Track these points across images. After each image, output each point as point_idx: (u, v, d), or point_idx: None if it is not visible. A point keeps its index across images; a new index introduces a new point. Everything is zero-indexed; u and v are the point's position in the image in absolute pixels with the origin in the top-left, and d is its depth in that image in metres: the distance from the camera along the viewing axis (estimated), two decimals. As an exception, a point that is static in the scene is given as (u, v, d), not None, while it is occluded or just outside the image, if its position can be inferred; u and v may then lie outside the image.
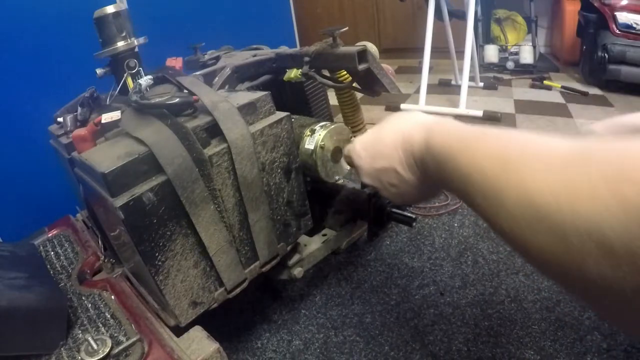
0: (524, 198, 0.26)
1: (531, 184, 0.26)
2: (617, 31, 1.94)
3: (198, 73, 0.79)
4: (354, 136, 0.83)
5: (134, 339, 0.55)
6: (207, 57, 0.97)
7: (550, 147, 0.27)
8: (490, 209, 0.30)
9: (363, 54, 0.67)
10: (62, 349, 0.57)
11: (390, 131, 0.48)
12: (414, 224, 0.79)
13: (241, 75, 0.80)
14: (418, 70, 2.14)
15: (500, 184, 0.29)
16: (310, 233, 0.80)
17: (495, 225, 0.30)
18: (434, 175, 0.40)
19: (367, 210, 0.81)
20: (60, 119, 0.72)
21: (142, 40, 0.75)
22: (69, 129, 0.68)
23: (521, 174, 0.27)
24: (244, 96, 0.63)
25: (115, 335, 0.58)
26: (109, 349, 0.54)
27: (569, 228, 0.23)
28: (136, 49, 0.74)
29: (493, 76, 2.42)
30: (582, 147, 0.25)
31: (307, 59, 0.73)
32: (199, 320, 0.60)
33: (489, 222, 0.31)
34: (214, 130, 0.57)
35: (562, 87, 2.14)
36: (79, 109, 0.69)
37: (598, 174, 0.22)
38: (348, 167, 0.76)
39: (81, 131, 0.60)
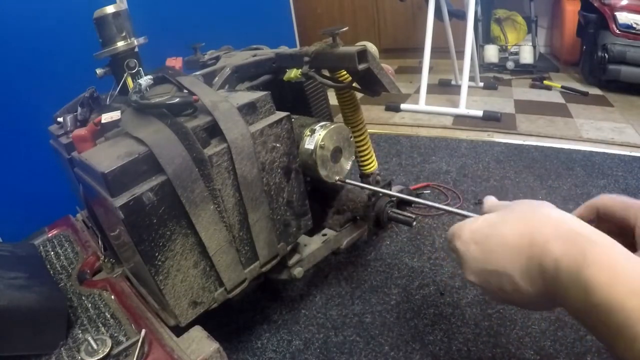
0: None
1: None
2: (617, 31, 1.94)
3: (198, 73, 0.79)
4: (354, 136, 0.83)
5: (134, 339, 0.55)
6: (207, 57, 0.97)
7: None
8: None
9: (363, 54, 0.67)
10: (62, 349, 0.57)
11: (515, 228, 0.38)
12: (414, 224, 0.79)
13: (241, 75, 0.80)
14: (418, 70, 2.14)
15: None
16: (310, 233, 0.80)
17: None
18: (571, 309, 0.32)
19: (367, 211, 0.81)
20: (60, 119, 0.72)
21: (142, 40, 0.75)
22: (69, 129, 0.68)
23: None
24: (244, 96, 0.63)
25: (115, 335, 0.58)
26: (109, 349, 0.54)
27: None
28: (136, 49, 0.74)
29: (493, 76, 2.43)
30: None
31: (307, 59, 0.73)
32: (199, 320, 0.60)
33: None
34: (214, 130, 0.57)
35: (562, 87, 2.14)
36: (79, 109, 0.69)
37: None
38: (348, 167, 0.76)
39: (81, 131, 0.60)
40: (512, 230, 0.38)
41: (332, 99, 0.89)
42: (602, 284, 0.29)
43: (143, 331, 0.56)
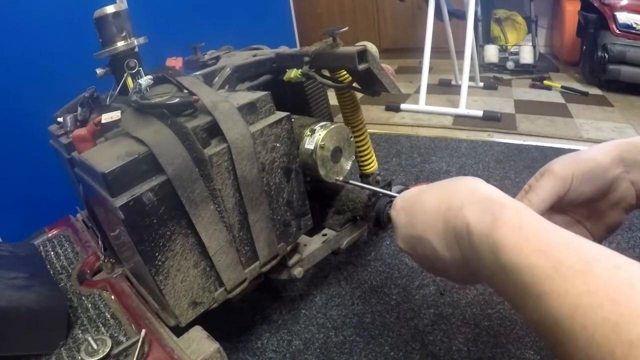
0: None
1: None
2: (617, 31, 1.94)
3: (198, 73, 0.79)
4: (354, 136, 0.83)
5: (134, 339, 0.55)
6: (207, 57, 0.97)
7: None
8: None
9: (363, 54, 0.67)
10: (62, 349, 0.57)
11: (435, 194, 0.40)
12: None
13: (241, 75, 0.80)
14: (418, 70, 2.14)
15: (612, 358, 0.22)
16: (310, 233, 0.80)
17: None
18: (486, 273, 0.32)
19: (367, 211, 0.81)
20: (60, 119, 0.71)
21: (142, 40, 0.75)
22: (69, 129, 0.68)
23: None
24: (244, 96, 0.63)
25: (115, 335, 0.58)
26: (109, 349, 0.54)
27: None
28: (136, 49, 0.74)
29: (493, 76, 2.42)
30: None
31: (307, 59, 0.73)
32: (199, 320, 0.60)
33: None
34: (214, 130, 0.57)
35: (562, 87, 2.14)
36: (79, 109, 0.69)
37: None
38: (348, 167, 0.76)
39: (81, 131, 0.60)
40: (432, 197, 0.39)
41: (332, 99, 0.89)
42: (509, 244, 0.29)
43: (143, 331, 0.56)
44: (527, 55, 2.42)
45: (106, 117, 0.61)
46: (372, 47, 0.72)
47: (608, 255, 0.26)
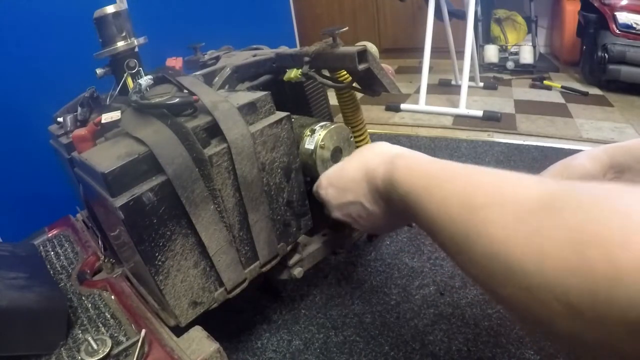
0: (490, 249, 0.25)
1: (497, 233, 0.25)
2: (617, 31, 1.94)
3: (198, 73, 0.79)
4: (354, 136, 0.83)
5: (134, 339, 0.55)
6: (207, 57, 0.97)
7: (519, 193, 0.26)
8: (457, 255, 0.29)
9: (363, 54, 0.67)
10: (62, 349, 0.57)
11: (355, 164, 0.48)
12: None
13: (241, 75, 0.80)
14: (418, 70, 2.14)
15: (467, 232, 0.28)
16: (310, 233, 0.80)
17: (464, 270, 0.29)
18: (400, 210, 0.40)
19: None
20: (60, 119, 0.71)
21: (142, 40, 0.75)
22: (69, 129, 0.68)
23: (488, 223, 0.26)
24: (244, 96, 0.63)
25: (115, 335, 0.58)
26: (109, 349, 0.54)
27: (536, 285, 0.22)
28: (136, 49, 0.74)
29: (493, 76, 2.42)
30: (551, 194, 0.24)
31: (307, 59, 0.73)
32: (199, 320, 0.60)
33: (459, 266, 0.30)
34: (214, 130, 0.57)
35: (562, 87, 2.14)
36: (79, 109, 0.69)
37: (564, 232, 0.22)
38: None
39: (81, 131, 0.60)
40: (353, 167, 0.48)
41: (332, 99, 0.89)
42: (402, 180, 0.38)
43: (143, 331, 0.56)
44: (527, 55, 2.43)
45: (106, 117, 0.61)
46: (372, 47, 0.72)
47: (469, 165, 0.33)
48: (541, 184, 0.26)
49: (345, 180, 0.49)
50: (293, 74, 0.78)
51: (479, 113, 1.82)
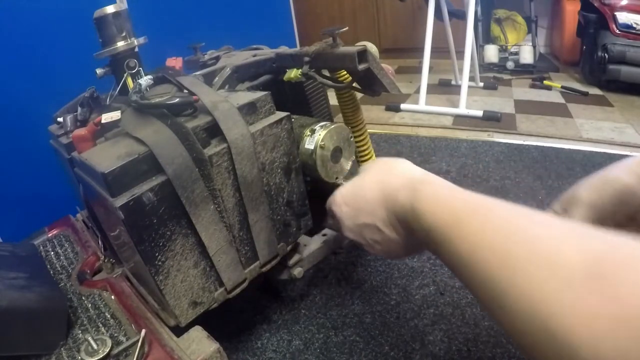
0: (530, 310, 0.24)
1: (540, 296, 0.23)
2: (617, 31, 1.94)
3: (198, 73, 0.79)
4: (354, 136, 0.83)
5: (134, 339, 0.55)
6: (207, 57, 0.96)
7: (561, 250, 0.24)
8: (491, 305, 0.28)
9: (363, 54, 0.67)
10: (62, 349, 0.57)
11: (372, 184, 0.45)
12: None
13: (241, 75, 0.80)
14: (418, 70, 2.14)
15: (503, 284, 0.26)
16: (310, 233, 0.80)
17: (498, 322, 0.27)
18: (421, 240, 0.37)
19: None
20: (60, 119, 0.71)
21: (142, 40, 0.75)
22: (69, 129, 0.68)
23: (529, 280, 0.24)
24: (244, 96, 0.63)
25: (115, 335, 0.58)
26: (109, 349, 0.54)
27: (585, 358, 0.21)
28: (136, 49, 0.74)
29: (493, 76, 2.42)
30: (596, 259, 0.23)
31: (307, 59, 0.73)
32: (199, 320, 0.60)
33: (492, 315, 0.28)
34: (214, 130, 0.57)
35: (562, 87, 2.14)
36: (79, 109, 0.69)
37: (616, 306, 0.20)
38: (348, 167, 0.76)
39: (81, 131, 0.60)
40: (370, 187, 0.45)
41: (332, 99, 0.89)
42: (427, 211, 0.35)
43: (143, 331, 0.56)
44: (527, 55, 2.43)
45: (106, 117, 0.61)
46: (372, 47, 0.72)
47: (497, 200, 0.31)
48: (582, 240, 0.24)
49: (361, 200, 0.45)
50: (293, 74, 0.78)
51: (479, 113, 1.82)
